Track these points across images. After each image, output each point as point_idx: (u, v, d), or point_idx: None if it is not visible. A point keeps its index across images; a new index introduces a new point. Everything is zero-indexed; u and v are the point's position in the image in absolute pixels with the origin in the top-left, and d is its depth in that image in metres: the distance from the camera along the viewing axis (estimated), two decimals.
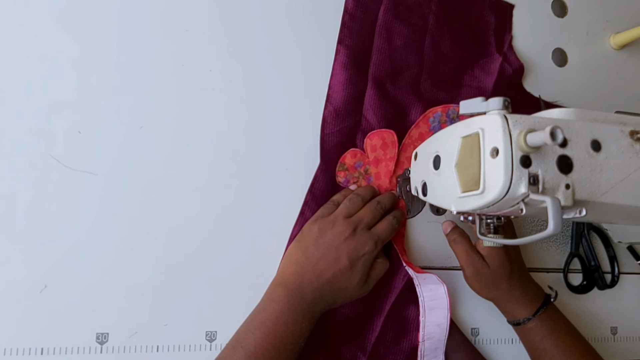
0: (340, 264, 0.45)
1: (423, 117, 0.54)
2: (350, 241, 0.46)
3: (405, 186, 0.53)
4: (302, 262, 0.46)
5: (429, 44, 0.56)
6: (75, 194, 0.46)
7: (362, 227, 0.47)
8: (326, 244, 0.46)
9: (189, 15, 0.51)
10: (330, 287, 0.45)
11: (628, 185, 0.37)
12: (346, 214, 0.48)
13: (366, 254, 0.46)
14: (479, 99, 0.39)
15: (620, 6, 0.65)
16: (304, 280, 0.45)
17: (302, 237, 0.48)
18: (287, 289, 0.45)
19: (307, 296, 0.45)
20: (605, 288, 0.59)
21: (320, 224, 0.47)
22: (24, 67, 0.46)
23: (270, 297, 0.45)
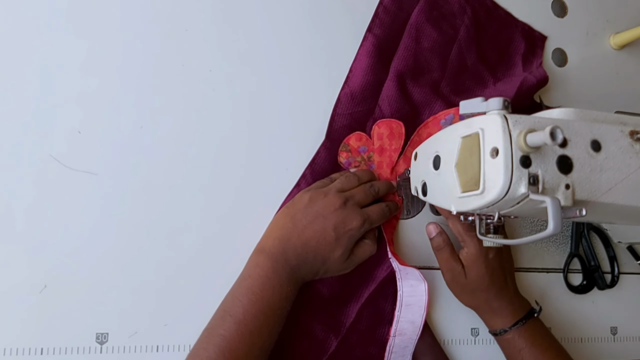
0: (326, 234, 0.45)
1: (433, 119, 0.54)
2: (340, 213, 0.46)
3: (405, 186, 0.53)
4: (288, 227, 0.46)
5: (455, 53, 0.57)
6: (75, 194, 0.46)
7: (353, 202, 0.47)
8: (315, 212, 0.46)
9: (189, 15, 0.51)
10: (313, 254, 0.45)
11: (628, 185, 0.37)
12: (340, 188, 0.48)
13: (353, 229, 0.46)
14: (479, 99, 0.39)
15: (620, 6, 0.65)
16: (288, 245, 0.45)
17: (292, 204, 0.48)
18: (271, 254, 0.45)
19: (291, 261, 0.45)
20: (605, 288, 0.59)
21: (312, 194, 0.47)
22: (23, 67, 0.46)
23: (255, 262, 0.45)
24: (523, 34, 0.60)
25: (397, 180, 0.53)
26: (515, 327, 0.50)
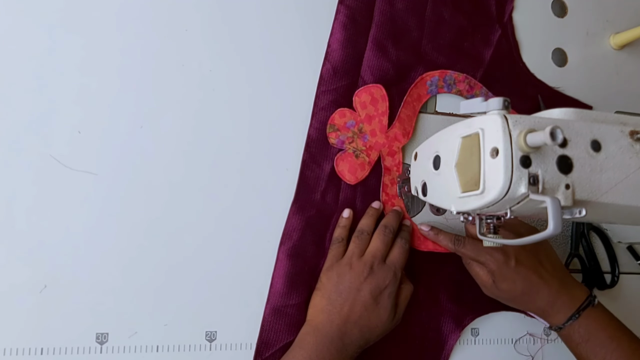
0: (366, 304, 0.46)
1: (420, 79, 0.55)
2: (370, 279, 0.46)
3: (405, 187, 0.53)
4: (327, 310, 0.46)
5: (431, 9, 0.57)
6: (75, 194, 0.46)
7: (378, 262, 0.48)
8: (347, 287, 0.46)
9: (189, 15, 0.51)
10: (359, 329, 0.45)
11: (628, 185, 0.37)
12: (359, 253, 0.48)
13: (388, 286, 0.47)
14: (479, 99, 0.39)
15: (620, 6, 0.65)
16: (332, 326, 0.45)
17: (322, 285, 0.48)
18: (315, 336, 0.45)
19: (336, 342, 0.44)
20: (605, 288, 0.59)
21: (337, 270, 0.48)
22: (24, 67, 0.46)
23: (300, 344, 0.45)
24: None
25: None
26: (568, 323, 0.48)
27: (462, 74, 0.57)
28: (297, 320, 0.48)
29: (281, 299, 0.48)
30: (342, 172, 0.52)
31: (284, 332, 0.48)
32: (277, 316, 0.48)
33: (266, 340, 0.48)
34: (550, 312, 0.49)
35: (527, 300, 0.49)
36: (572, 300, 0.49)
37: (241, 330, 0.48)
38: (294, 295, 0.49)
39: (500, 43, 0.59)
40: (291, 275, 0.49)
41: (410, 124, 0.55)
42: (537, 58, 0.61)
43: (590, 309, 0.49)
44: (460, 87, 0.57)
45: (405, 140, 0.54)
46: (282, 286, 0.49)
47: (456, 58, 0.57)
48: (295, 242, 0.50)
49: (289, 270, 0.49)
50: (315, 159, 0.51)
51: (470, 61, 0.58)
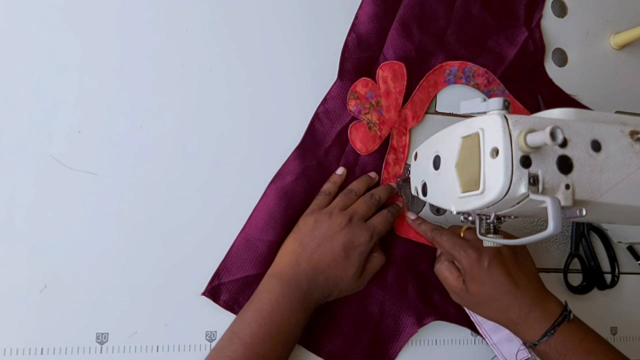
0: (336, 254, 0.45)
1: (440, 67, 0.56)
2: (346, 231, 0.46)
3: (405, 186, 0.53)
4: (297, 252, 0.46)
5: (460, 2, 0.58)
6: (75, 194, 0.46)
7: (358, 218, 0.47)
8: (322, 234, 0.46)
9: (189, 15, 0.51)
10: (324, 277, 0.45)
11: (628, 185, 0.37)
12: (342, 206, 0.48)
13: (362, 245, 0.46)
14: (479, 99, 0.39)
15: (620, 6, 0.65)
16: (299, 270, 0.45)
17: (298, 228, 0.48)
18: (282, 279, 0.45)
19: (302, 285, 0.45)
20: (605, 288, 0.59)
21: (316, 216, 0.48)
22: (23, 67, 0.46)
23: (266, 286, 0.45)
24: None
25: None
26: (544, 339, 0.45)
27: (482, 68, 0.57)
28: (264, 257, 0.48)
29: (256, 232, 0.48)
30: (355, 140, 0.52)
31: (248, 264, 0.48)
32: (247, 247, 0.48)
33: (229, 266, 0.48)
34: (522, 327, 0.46)
35: (496, 308, 0.47)
36: (546, 314, 0.46)
37: None
38: (270, 232, 0.48)
39: (526, 45, 0.59)
40: (273, 212, 0.49)
41: (422, 108, 0.55)
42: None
43: (565, 324, 0.46)
44: (479, 80, 0.57)
45: (414, 122, 0.54)
46: (260, 220, 0.49)
47: (478, 52, 0.58)
48: (287, 184, 0.50)
49: (272, 207, 0.49)
50: (329, 116, 0.52)
51: (492, 58, 0.58)
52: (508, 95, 0.58)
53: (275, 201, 0.49)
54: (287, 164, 0.50)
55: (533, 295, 0.47)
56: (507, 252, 0.48)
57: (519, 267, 0.48)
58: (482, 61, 0.58)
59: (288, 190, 0.50)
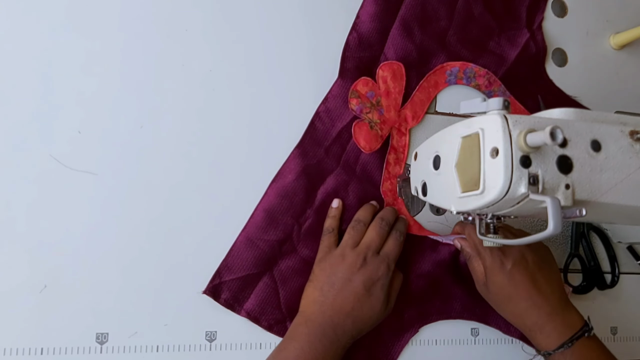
0: (359, 295, 0.45)
1: (440, 68, 0.56)
2: (363, 271, 0.46)
3: (405, 186, 0.53)
4: (319, 301, 0.46)
5: (462, 3, 0.58)
6: (75, 193, 0.46)
7: (372, 253, 0.47)
8: (340, 279, 0.46)
9: (189, 15, 0.51)
10: (352, 320, 0.45)
11: (628, 185, 0.37)
12: (352, 243, 0.48)
13: (381, 278, 0.46)
14: (479, 99, 0.39)
15: (620, 6, 0.65)
16: (325, 318, 0.45)
17: (315, 277, 0.48)
18: (307, 327, 0.45)
19: (329, 333, 0.44)
20: (605, 288, 0.59)
21: (329, 260, 0.47)
22: (24, 67, 0.46)
23: (292, 335, 0.45)
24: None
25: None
26: (559, 350, 0.44)
27: (483, 69, 0.57)
28: (266, 256, 0.48)
29: (257, 231, 0.49)
30: (358, 138, 0.52)
31: (249, 263, 0.48)
32: (248, 246, 0.48)
33: (230, 265, 0.48)
34: (538, 334, 0.46)
35: (514, 311, 0.47)
36: (565, 326, 0.46)
37: (241, 330, 0.48)
38: (271, 231, 0.49)
39: (527, 46, 0.60)
40: (274, 211, 0.49)
41: (422, 108, 0.55)
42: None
43: (584, 339, 0.45)
44: (480, 81, 0.57)
45: (413, 123, 0.55)
46: (261, 219, 0.49)
47: (480, 53, 0.58)
48: (287, 183, 0.50)
49: (273, 206, 0.49)
50: (330, 114, 0.52)
51: (494, 59, 0.58)
52: (509, 97, 0.58)
53: (275, 201, 0.49)
54: (288, 163, 0.50)
55: (554, 304, 0.46)
56: (533, 258, 0.48)
57: (542, 274, 0.48)
58: (483, 62, 0.58)
59: (288, 190, 0.50)
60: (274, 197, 0.49)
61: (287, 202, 0.49)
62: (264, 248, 0.48)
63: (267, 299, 0.48)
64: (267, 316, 0.48)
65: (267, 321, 0.48)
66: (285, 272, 0.49)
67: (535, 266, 0.48)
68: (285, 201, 0.49)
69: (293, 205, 0.50)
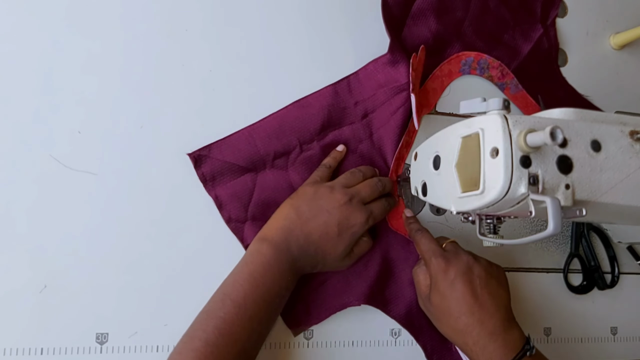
0: (329, 229, 0.45)
1: (456, 57, 0.57)
2: (344, 209, 0.46)
3: (405, 186, 0.53)
4: (291, 218, 0.46)
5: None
6: (75, 194, 0.46)
7: (358, 199, 0.47)
8: (319, 206, 0.46)
9: (189, 15, 0.51)
10: (315, 248, 0.45)
11: (628, 185, 0.37)
12: (345, 183, 0.48)
13: (356, 225, 0.46)
14: (479, 99, 0.39)
15: (620, 6, 0.65)
16: (291, 236, 0.45)
17: (297, 195, 0.48)
18: (273, 243, 0.45)
19: (293, 251, 0.45)
20: (605, 288, 0.59)
21: (317, 187, 0.47)
22: (24, 67, 0.46)
23: (257, 249, 0.45)
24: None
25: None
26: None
27: (497, 61, 0.58)
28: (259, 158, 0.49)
29: (261, 133, 0.50)
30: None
31: (241, 155, 0.49)
32: (248, 141, 0.49)
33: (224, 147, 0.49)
34: (479, 355, 0.42)
35: (455, 327, 0.43)
36: (507, 346, 0.42)
37: None
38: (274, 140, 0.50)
39: (541, 41, 0.60)
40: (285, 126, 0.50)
41: (435, 96, 0.56)
42: None
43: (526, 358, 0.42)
44: (493, 73, 0.58)
45: (426, 110, 0.55)
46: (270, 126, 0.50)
47: (494, 46, 0.58)
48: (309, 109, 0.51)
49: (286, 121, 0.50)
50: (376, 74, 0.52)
51: (507, 52, 0.58)
52: (521, 90, 0.58)
53: (292, 118, 0.50)
54: (318, 94, 0.51)
55: (497, 323, 0.42)
56: (481, 272, 0.44)
57: (489, 291, 0.44)
58: (497, 54, 0.58)
59: (307, 116, 0.51)
60: (291, 114, 0.50)
61: (300, 124, 0.50)
62: (260, 150, 0.49)
63: (239, 194, 0.49)
64: (231, 209, 0.49)
65: (228, 213, 0.49)
66: (267, 182, 0.50)
67: (480, 281, 0.44)
68: (299, 123, 0.50)
69: (304, 131, 0.50)
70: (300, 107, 0.51)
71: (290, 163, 0.50)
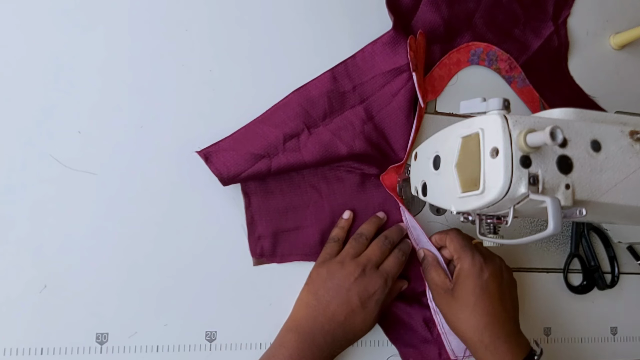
0: (353, 305, 0.45)
1: (465, 46, 0.57)
2: (360, 281, 0.46)
3: (405, 186, 0.53)
4: (312, 305, 0.45)
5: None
6: (75, 193, 0.46)
7: (371, 266, 0.47)
8: (336, 285, 0.46)
9: (189, 15, 0.51)
10: (342, 329, 0.45)
11: (628, 185, 0.37)
12: (353, 254, 0.48)
13: (377, 293, 0.46)
14: (479, 99, 0.39)
15: (620, 6, 0.65)
16: (316, 324, 0.44)
17: (311, 280, 0.48)
18: (298, 334, 0.44)
19: (319, 341, 0.44)
20: (605, 288, 0.59)
21: (328, 266, 0.47)
22: (23, 67, 0.46)
23: (281, 342, 0.45)
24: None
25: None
26: None
27: (505, 54, 0.58)
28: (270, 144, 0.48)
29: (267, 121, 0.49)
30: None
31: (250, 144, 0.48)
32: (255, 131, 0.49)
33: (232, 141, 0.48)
34: (493, 352, 0.44)
35: (475, 323, 0.44)
36: (519, 348, 0.45)
37: (241, 330, 0.48)
38: (281, 126, 0.49)
39: (551, 39, 0.60)
40: (289, 112, 0.50)
41: (442, 84, 0.56)
42: None
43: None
44: (501, 65, 0.58)
45: (432, 96, 0.55)
46: (275, 116, 0.50)
47: (503, 39, 0.58)
48: (310, 96, 0.51)
49: (290, 108, 0.50)
50: (374, 57, 0.52)
51: (517, 46, 0.59)
52: (527, 85, 0.59)
53: (294, 104, 0.50)
54: (316, 81, 0.51)
55: (513, 328, 0.46)
56: (509, 279, 0.48)
57: (510, 296, 0.47)
58: (506, 47, 0.58)
59: (308, 102, 0.51)
60: (293, 102, 0.50)
61: (303, 111, 0.50)
62: (270, 137, 0.49)
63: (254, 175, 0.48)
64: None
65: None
66: (282, 165, 0.48)
67: (507, 286, 0.47)
68: (301, 110, 0.50)
69: (308, 117, 0.50)
70: (300, 96, 0.51)
71: (302, 145, 0.49)
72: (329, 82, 0.51)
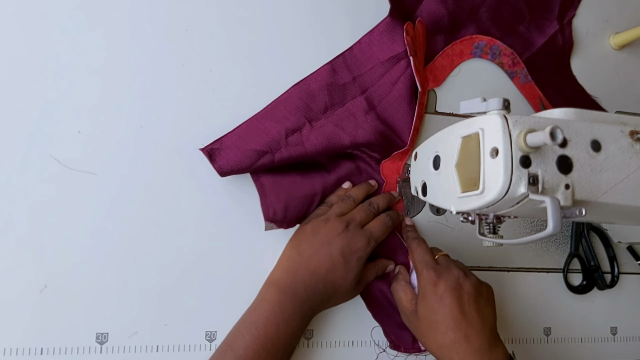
0: (334, 260, 0.45)
1: (469, 39, 0.58)
2: (344, 237, 0.46)
3: (405, 186, 0.53)
4: (294, 258, 0.46)
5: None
6: (75, 193, 0.46)
7: (355, 224, 0.47)
8: (319, 240, 0.46)
9: (189, 15, 0.51)
10: (323, 283, 0.45)
11: (628, 185, 0.37)
12: (339, 212, 0.48)
13: (359, 250, 0.46)
14: (479, 99, 0.39)
15: (620, 6, 0.65)
16: (297, 277, 0.45)
17: (296, 236, 0.48)
18: (279, 287, 0.45)
19: (300, 293, 0.44)
20: (605, 288, 0.59)
21: (313, 223, 0.47)
22: (23, 68, 0.46)
23: (262, 296, 0.45)
24: None
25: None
26: None
27: (509, 49, 0.58)
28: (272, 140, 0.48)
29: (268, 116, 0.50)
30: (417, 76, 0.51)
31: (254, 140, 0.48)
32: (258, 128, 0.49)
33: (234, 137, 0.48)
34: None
35: (441, 342, 0.43)
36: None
37: None
38: (282, 121, 0.49)
39: (555, 37, 0.61)
40: (289, 107, 0.50)
41: (443, 73, 0.56)
42: None
43: None
44: (504, 60, 0.58)
45: (433, 85, 0.56)
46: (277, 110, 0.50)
47: (508, 34, 0.59)
48: (310, 89, 0.51)
49: (290, 103, 0.50)
50: (371, 47, 0.52)
51: (521, 42, 0.59)
52: (529, 82, 0.59)
53: (295, 98, 0.50)
54: (315, 74, 0.51)
55: (483, 341, 0.43)
56: (470, 289, 0.44)
57: (476, 308, 0.44)
58: (510, 42, 0.58)
59: (309, 96, 0.51)
60: (293, 96, 0.50)
61: (304, 105, 0.50)
62: (272, 132, 0.48)
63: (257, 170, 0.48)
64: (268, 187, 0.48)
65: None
66: (285, 160, 0.48)
67: (469, 297, 0.44)
68: (302, 104, 0.50)
69: (309, 110, 0.50)
70: (301, 88, 0.51)
71: (305, 138, 0.49)
72: (328, 75, 0.51)
